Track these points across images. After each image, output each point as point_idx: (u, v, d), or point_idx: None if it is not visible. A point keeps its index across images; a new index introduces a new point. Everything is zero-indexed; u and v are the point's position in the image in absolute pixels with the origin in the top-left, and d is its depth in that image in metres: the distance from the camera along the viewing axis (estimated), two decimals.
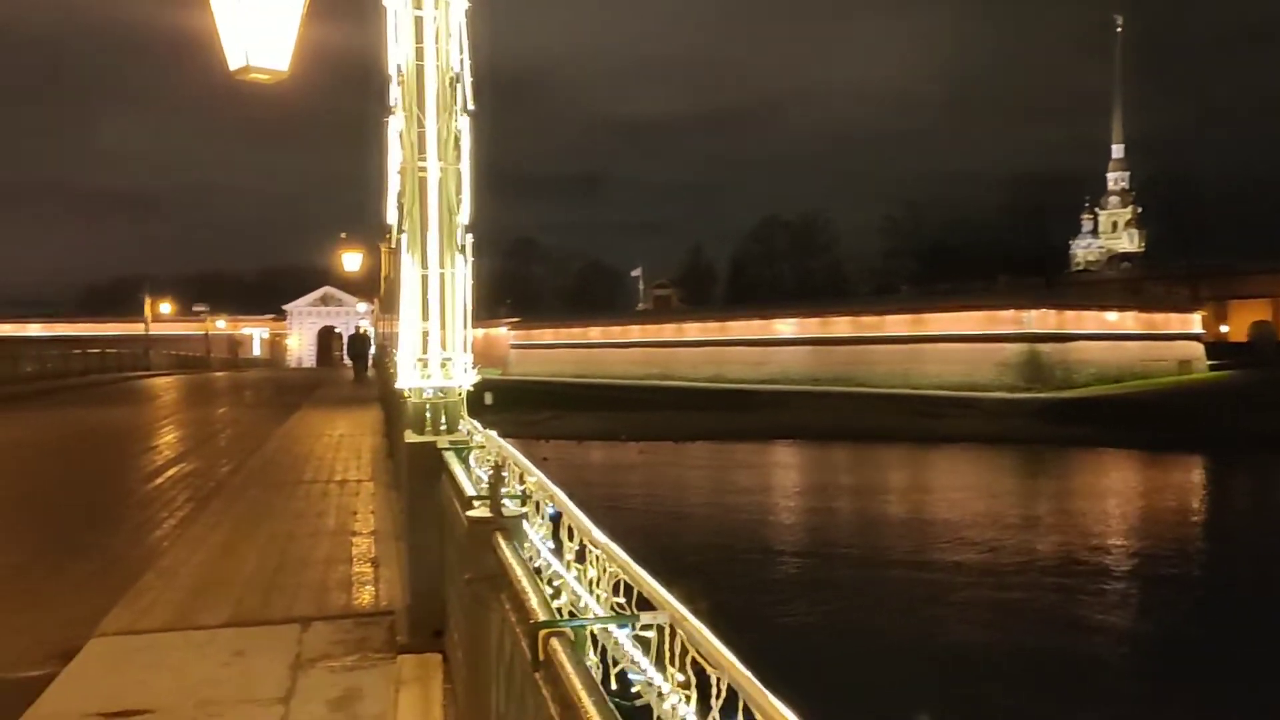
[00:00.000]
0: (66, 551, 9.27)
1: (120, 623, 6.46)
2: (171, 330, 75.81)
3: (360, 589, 7.30)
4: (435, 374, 5.93)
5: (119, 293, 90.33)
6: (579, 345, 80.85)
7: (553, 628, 2.41)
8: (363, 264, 38.45)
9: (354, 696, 5.12)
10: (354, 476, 12.76)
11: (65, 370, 41.58)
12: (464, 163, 5.73)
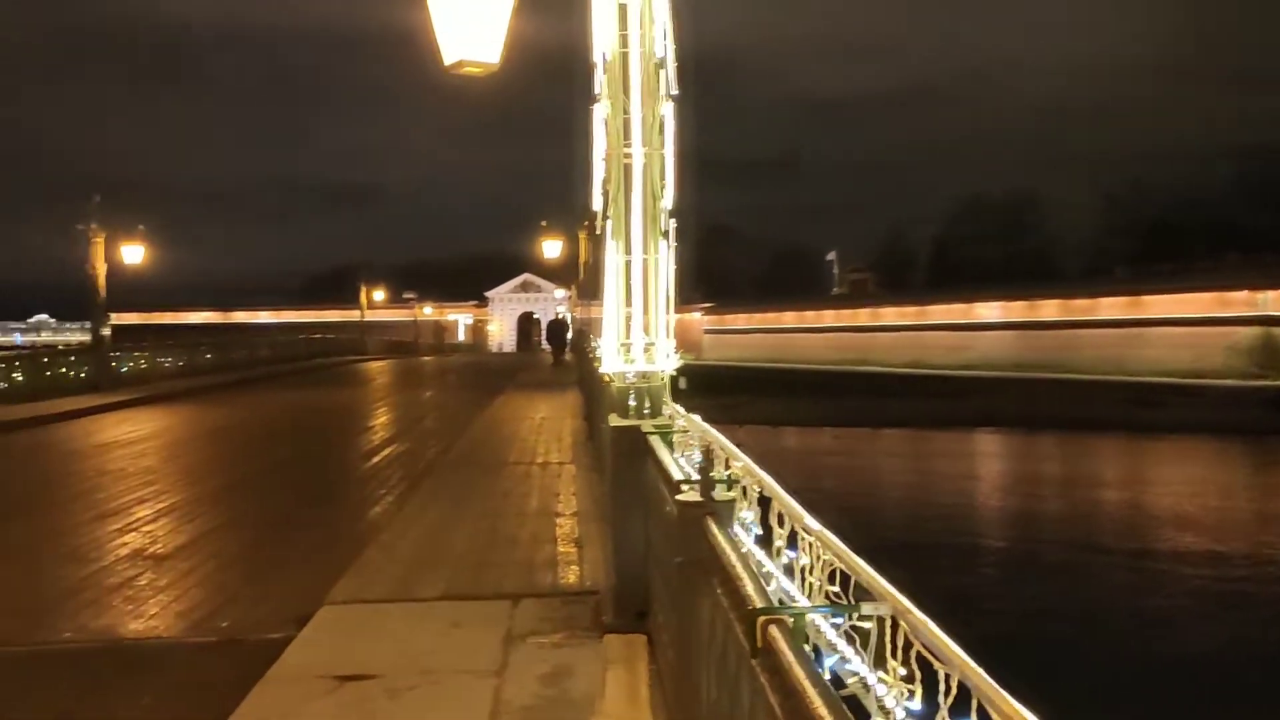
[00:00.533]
0: (296, 526, 9.95)
1: (347, 592, 6.87)
2: (384, 316, 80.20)
3: (565, 569, 7.50)
4: (638, 359, 6.00)
5: (338, 281, 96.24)
6: (772, 330, 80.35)
7: (771, 615, 2.37)
8: (562, 251, 39.50)
9: (563, 673, 5.25)
10: (555, 459, 13.13)
11: (292, 355, 44.71)
12: (668, 147, 5.77)
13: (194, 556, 8.54)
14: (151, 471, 13.52)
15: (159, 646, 6.21)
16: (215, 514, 10.60)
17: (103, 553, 8.60)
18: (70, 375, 25.23)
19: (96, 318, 27.25)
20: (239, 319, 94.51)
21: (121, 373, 27.45)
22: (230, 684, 5.37)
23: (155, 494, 11.61)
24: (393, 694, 5.00)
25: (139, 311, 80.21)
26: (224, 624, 6.58)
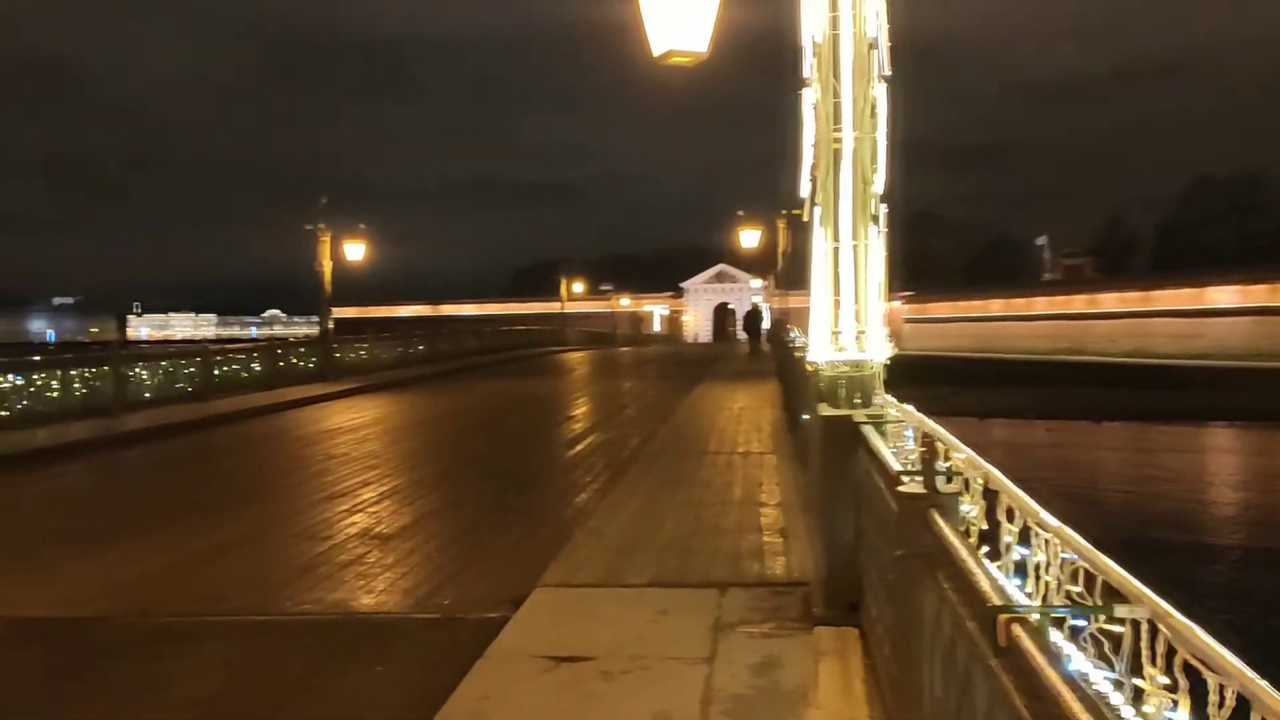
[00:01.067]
0: (507, 510, 10.31)
1: (558, 576, 7.06)
2: (583, 308, 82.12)
3: (772, 559, 7.44)
4: (849, 347, 5.86)
5: (539, 275, 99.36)
6: (978, 319, 77.26)
7: (1014, 613, 2.25)
8: (760, 241, 39.29)
9: (774, 663, 5.21)
10: (756, 448, 13.07)
11: (496, 346, 46.45)
12: (880, 130, 5.60)
13: (415, 537, 8.99)
14: (374, 456, 14.34)
15: (387, 620, 6.57)
16: (433, 497, 11.13)
17: (334, 532, 9.17)
18: (300, 366, 27.07)
19: (323, 312, 29.17)
20: (446, 312, 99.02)
21: (344, 363, 29.25)
22: (452, 659, 5.62)
23: (378, 477, 12.30)
24: (607, 676, 5.09)
25: (357, 305, 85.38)
26: (445, 602, 6.88)
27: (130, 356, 20.65)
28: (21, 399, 16.64)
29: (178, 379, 21.28)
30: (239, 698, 5.26)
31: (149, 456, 15.20)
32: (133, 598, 7.07)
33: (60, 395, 17.59)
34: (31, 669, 5.76)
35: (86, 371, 18.57)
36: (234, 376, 23.61)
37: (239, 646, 6.07)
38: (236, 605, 6.84)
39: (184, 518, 10.12)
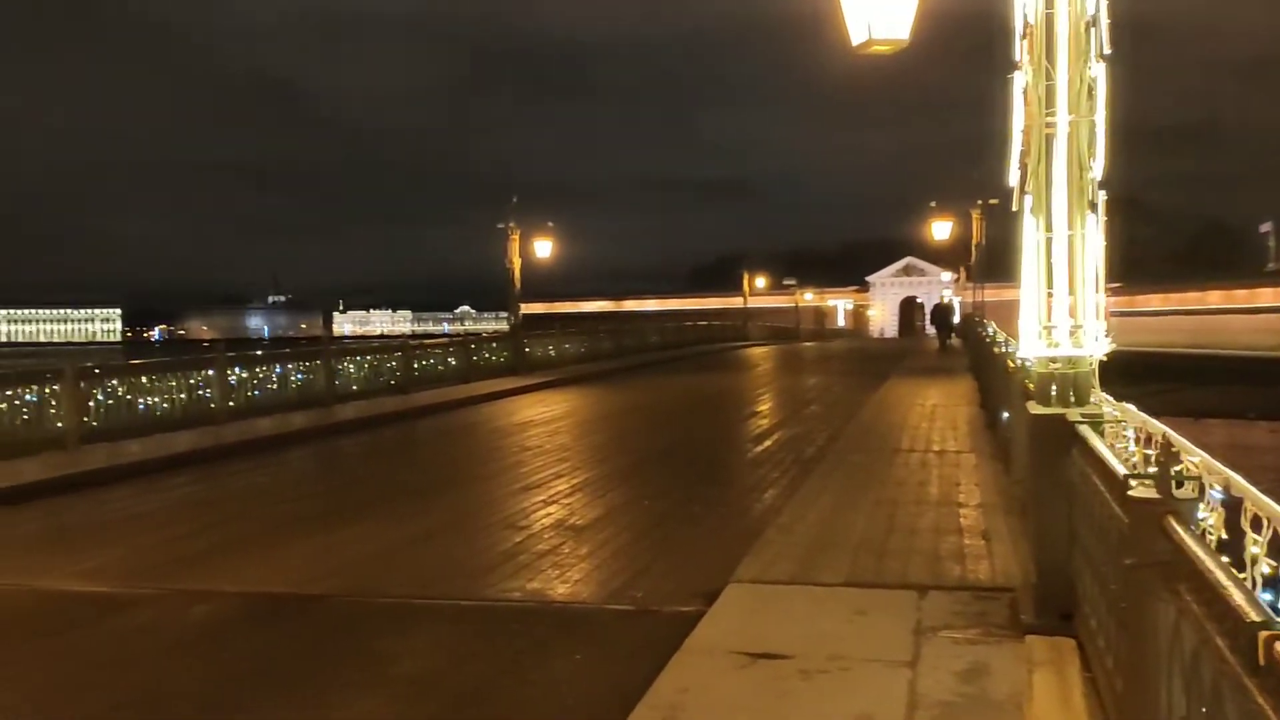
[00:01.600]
0: (697, 503, 10.35)
1: (751, 572, 7.03)
2: (765, 303, 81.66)
3: (974, 562, 7.18)
4: (1062, 342, 5.57)
5: (721, 270, 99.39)
6: (1192, 312, 72.25)
7: (1274, 629, 2.07)
8: (951, 233, 38.02)
9: (981, 671, 5.02)
10: (952, 447, 12.65)
11: (678, 341, 46.79)
12: (1099, 113, 5.29)
13: (608, 529, 9.16)
14: (565, 449, 14.71)
15: (583, 611, 6.71)
16: (623, 490, 11.31)
17: (530, 522, 9.46)
18: (492, 360, 28.04)
19: (513, 308, 30.14)
20: (629, 307, 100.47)
21: (533, 358, 30.12)
22: (648, 651, 5.69)
23: (570, 469, 12.61)
24: (805, 675, 5.03)
25: (544, 301, 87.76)
26: (638, 594, 6.97)
27: (338, 351, 21.90)
28: (246, 391, 17.94)
29: (381, 373, 22.44)
30: (451, 677, 5.50)
31: (360, 445, 16.10)
32: (353, 578, 7.51)
33: (279, 388, 18.86)
34: (273, 641, 6.20)
35: (301, 365, 19.84)
36: (432, 370, 24.69)
37: (450, 629, 6.35)
38: (446, 589, 7.15)
39: (395, 503, 10.68)
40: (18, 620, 6.71)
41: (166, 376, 16.27)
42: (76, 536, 9.43)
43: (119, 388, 15.18)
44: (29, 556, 8.56)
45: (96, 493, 11.45)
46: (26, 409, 13.59)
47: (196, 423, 16.18)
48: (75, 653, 6.02)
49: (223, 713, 5.08)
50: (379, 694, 5.27)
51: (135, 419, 15.27)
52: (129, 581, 7.53)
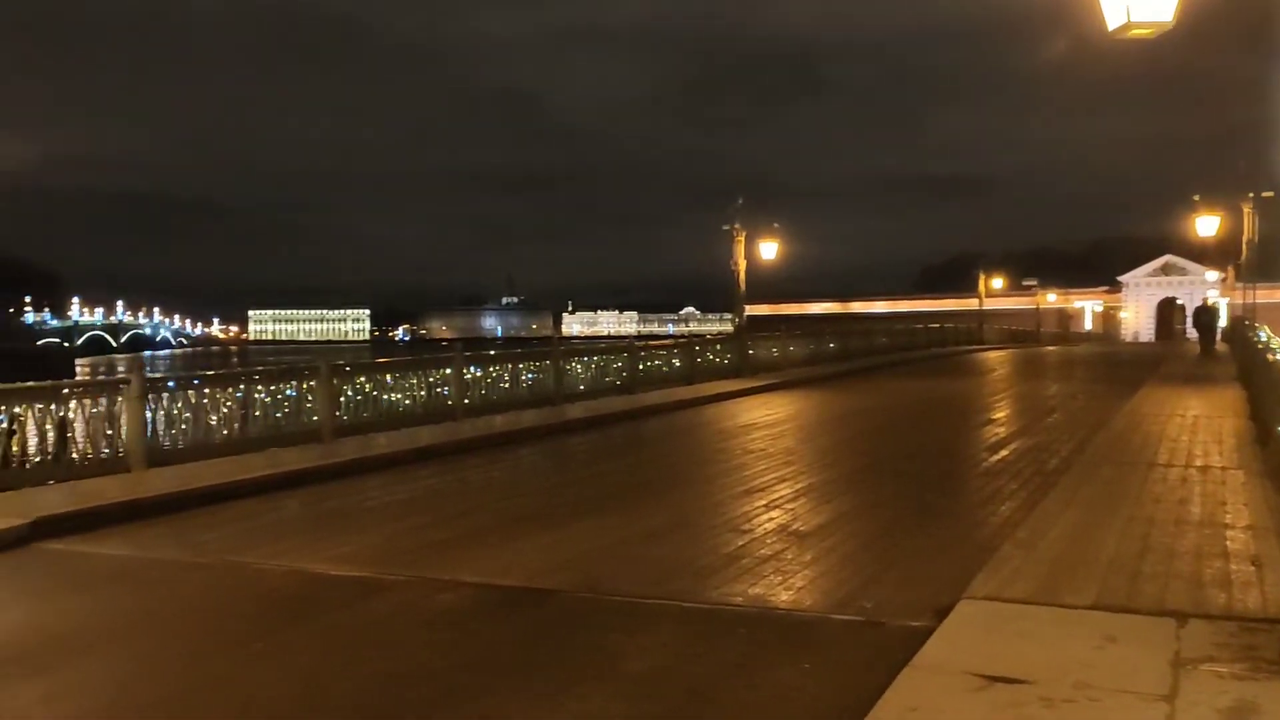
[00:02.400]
0: (928, 514, 9.99)
1: (986, 588, 6.70)
2: (1002, 305, 78.00)
3: (1241, 590, 6.55)
4: None
5: (953, 270, 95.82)
6: None
7: None
8: (1217, 228, 34.98)
9: (1249, 709, 4.57)
10: (1216, 463, 11.61)
11: (907, 344, 45.44)
12: None
13: (833, 535, 8.99)
14: (789, 453, 14.57)
15: (807, 619, 6.61)
16: (850, 496, 11.08)
17: (753, 525, 9.42)
18: (716, 362, 28.19)
19: (738, 309, 30.19)
20: (856, 309, 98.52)
21: (757, 360, 30.06)
22: (875, 664, 5.54)
23: (794, 474, 12.47)
24: (1048, 704, 4.74)
25: (768, 303, 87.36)
26: (866, 605, 6.79)
27: (567, 352, 22.63)
28: (481, 389, 18.85)
29: (608, 373, 23.01)
30: (678, 677, 5.54)
31: (588, 443, 16.57)
32: (583, 573, 7.72)
33: (511, 386, 19.70)
34: (508, 631, 6.47)
35: (532, 365, 20.64)
36: (656, 371, 25.09)
37: (675, 629, 6.41)
38: (671, 589, 7.23)
39: (622, 501, 10.92)
40: (285, 601, 7.30)
41: (408, 374, 17.32)
42: (334, 523, 10.18)
43: (366, 384, 16.29)
44: (292, 540, 9.31)
45: (350, 482, 12.33)
46: (287, 403, 14.81)
47: (436, 418, 17.14)
48: (335, 633, 6.49)
49: (464, 697, 5.33)
50: (609, 689, 5.38)
51: (380, 414, 16.35)
52: (381, 567, 8.05)
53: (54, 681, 5.69)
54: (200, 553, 8.76)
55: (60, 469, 11.77)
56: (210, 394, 13.80)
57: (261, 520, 10.31)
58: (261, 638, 6.40)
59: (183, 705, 5.32)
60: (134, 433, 12.44)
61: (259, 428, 14.28)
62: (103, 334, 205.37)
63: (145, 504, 10.55)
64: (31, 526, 9.31)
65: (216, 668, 5.87)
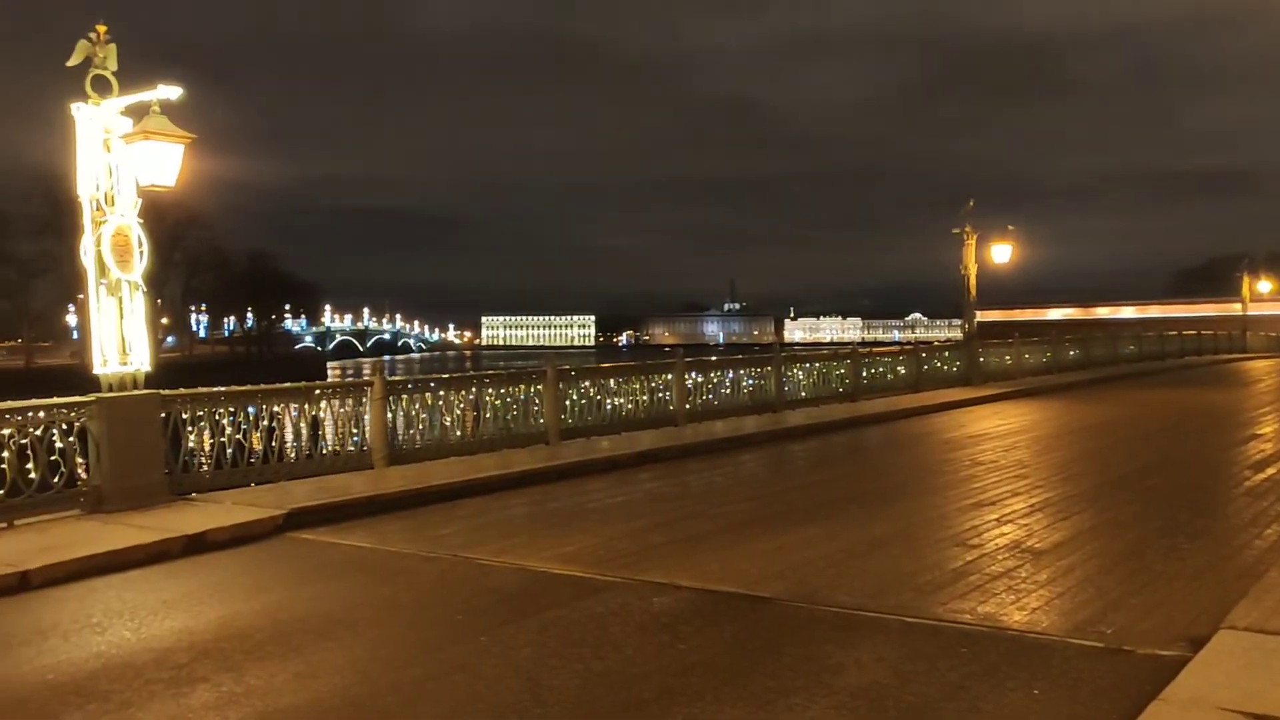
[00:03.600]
0: (1178, 535, 9.19)
1: (1249, 618, 6.08)
2: (1269, 310, 71.09)
3: None
4: None
5: (1211, 273, 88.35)
6: None
7: None
8: None
9: None
10: None
11: (1158, 352, 42.29)
12: None
13: (1072, 554, 8.43)
14: (1023, 465, 13.81)
15: (1042, 641, 6.21)
16: (1089, 513, 10.37)
17: (983, 540, 8.98)
18: (943, 369, 27.21)
19: (968, 315, 28.97)
20: (1099, 315, 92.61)
21: (988, 367, 28.77)
22: (1118, 695, 5.17)
23: (1028, 487, 11.81)
24: None
25: (1001, 308, 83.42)
26: (1107, 630, 6.32)
27: (788, 358, 22.42)
28: (702, 394, 18.95)
29: (830, 380, 22.65)
30: (896, 695, 5.33)
31: (808, 451, 16.34)
32: (800, 582, 7.59)
33: (731, 392, 19.71)
34: (723, 637, 6.43)
35: (753, 371, 20.58)
36: (880, 379, 24.50)
37: (895, 644, 6.17)
38: (892, 603, 6.98)
39: (841, 510, 10.70)
40: (509, 598, 7.56)
41: (631, 379, 17.64)
42: (557, 523, 10.48)
43: (590, 389, 16.71)
44: (518, 538, 9.64)
45: (574, 484, 12.67)
46: (516, 406, 15.40)
47: (657, 423, 17.38)
48: (555, 630, 6.66)
49: (678, 699, 5.34)
50: (823, 702, 5.24)
51: (603, 418, 16.72)
52: (600, 568, 8.21)
53: (305, 661, 6.12)
54: (434, 547, 9.22)
55: (311, 464, 12.72)
56: (445, 397, 14.55)
57: (490, 518, 10.75)
58: (487, 631, 6.65)
59: (417, 691, 5.59)
60: (376, 432, 13.29)
61: (489, 430, 14.93)
62: (351, 339, 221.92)
63: (385, 499, 11.24)
64: (286, 517, 10.10)
65: (447, 657, 6.14)
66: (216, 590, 8.01)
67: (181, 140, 10.49)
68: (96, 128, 10.46)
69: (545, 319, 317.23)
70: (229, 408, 11.86)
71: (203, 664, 6.08)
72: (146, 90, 10.37)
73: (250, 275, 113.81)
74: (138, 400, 10.75)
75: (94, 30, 10.23)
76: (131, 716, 5.29)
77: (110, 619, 7.16)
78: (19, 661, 6.30)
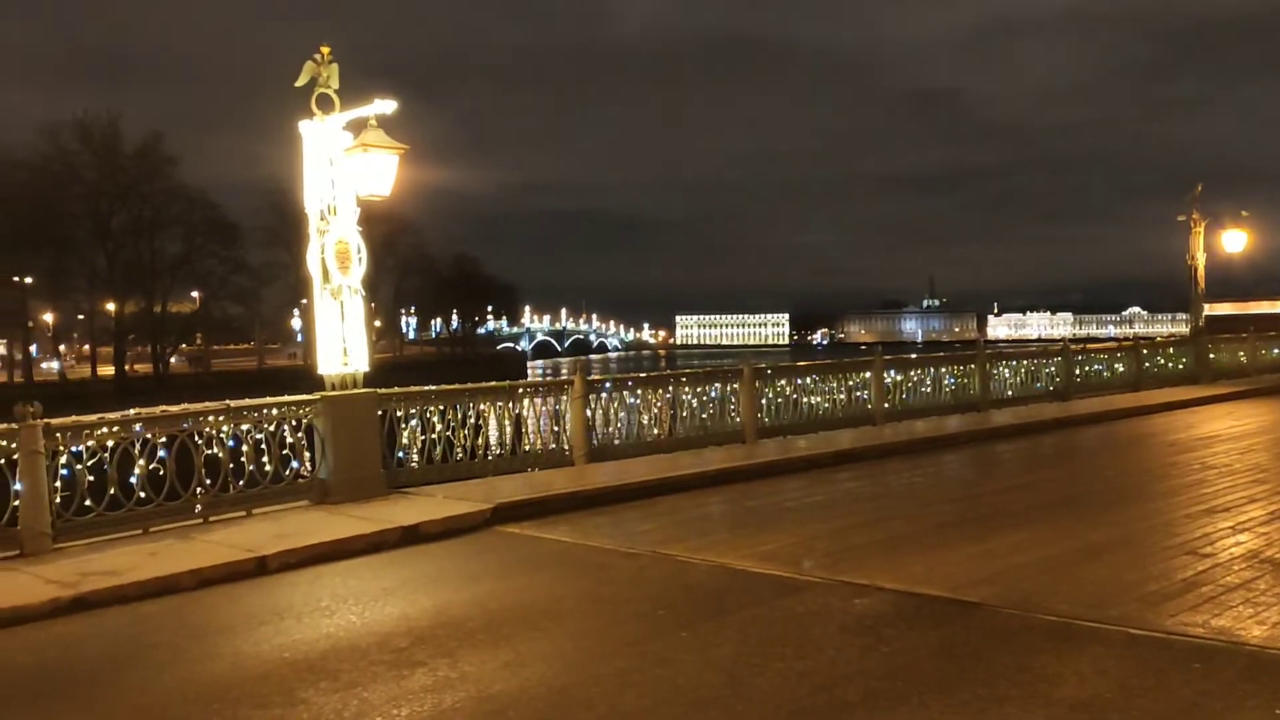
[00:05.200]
0: None
1: None
2: None
3: None
4: None
5: None
6: None
7: None
8: None
9: None
10: None
11: None
12: None
13: None
14: (1261, 469, 12.73)
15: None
16: None
17: (1216, 549, 8.34)
18: (1167, 367, 25.46)
19: (1195, 308, 26.99)
20: None
21: (1218, 365, 26.72)
22: None
23: (1268, 494, 10.90)
24: None
25: (1233, 300, 77.11)
26: None
27: (993, 356, 21.53)
28: (901, 393, 18.45)
29: (1038, 378, 21.62)
30: (1118, 710, 5.01)
31: (1016, 452, 15.65)
32: (1011, 588, 7.26)
33: (933, 391, 19.09)
34: (928, 642, 6.23)
35: (955, 369, 19.86)
36: (1094, 377, 23.21)
37: (1117, 657, 5.80)
38: (1113, 613, 6.56)
39: (1054, 514, 10.20)
40: (708, 594, 7.59)
41: (828, 378, 17.37)
42: (754, 521, 10.45)
43: (786, 388, 16.56)
44: (715, 536, 9.67)
45: (770, 482, 12.59)
46: (712, 405, 15.44)
47: (854, 422, 17.05)
48: (754, 628, 6.63)
49: (882, 703, 5.21)
50: (1040, 715, 4.99)
51: (800, 417, 16.55)
52: (799, 567, 8.12)
53: (514, 650, 6.34)
54: (634, 543, 9.37)
55: (515, 461, 13.17)
56: (643, 395, 14.76)
57: (688, 515, 10.83)
58: (687, 627, 6.69)
59: (621, 683, 5.69)
60: (576, 430, 13.62)
61: (686, 428, 15.05)
62: (549, 339, 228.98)
63: (586, 495, 11.50)
64: (493, 511, 10.49)
65: (649, 651, 6.22)
66: (430, 580, 8.42)
67: (396, 151, 11.08)
68: (320, 142, 11.18)
69: (739, 318, 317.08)
70: (439, 406, 12.44)
71: (420, 649, 6.39)
72: (364, 105, 11.00)
73: (455, 278, 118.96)
74: (357, 399, 11.43)
75: (318, 52, 10.96)
76: (358, 695, 5.62)
77: (337, 603, 7.64)
78: (260, 640, 6.82)
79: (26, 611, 7.44)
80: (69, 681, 6.16)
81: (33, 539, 9.05)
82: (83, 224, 71.45)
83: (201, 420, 10.51)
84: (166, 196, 74.34)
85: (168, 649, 6.69)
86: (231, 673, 6.16)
